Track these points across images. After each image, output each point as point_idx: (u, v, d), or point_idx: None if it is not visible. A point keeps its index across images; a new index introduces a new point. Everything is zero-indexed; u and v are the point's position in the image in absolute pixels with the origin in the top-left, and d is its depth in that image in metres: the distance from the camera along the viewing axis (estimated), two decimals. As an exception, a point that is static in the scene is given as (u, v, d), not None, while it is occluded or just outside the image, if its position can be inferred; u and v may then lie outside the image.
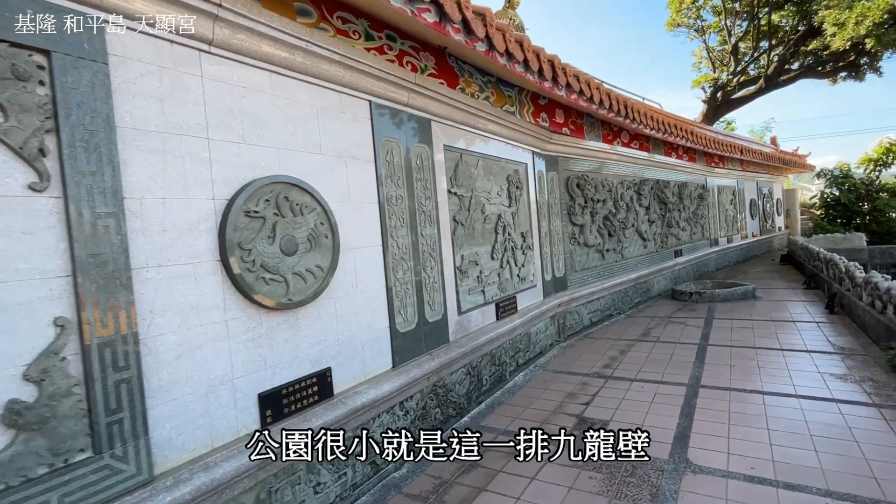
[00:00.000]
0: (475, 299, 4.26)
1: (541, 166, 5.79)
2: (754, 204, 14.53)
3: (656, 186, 8.85)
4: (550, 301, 5.75)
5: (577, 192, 6.48)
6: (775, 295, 8.08)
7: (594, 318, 6.78)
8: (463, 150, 4.21)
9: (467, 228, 4.19)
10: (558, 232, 6.14)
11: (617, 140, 7.45)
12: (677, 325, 6.50)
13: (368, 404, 2.83)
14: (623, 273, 7.59)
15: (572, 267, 6.42)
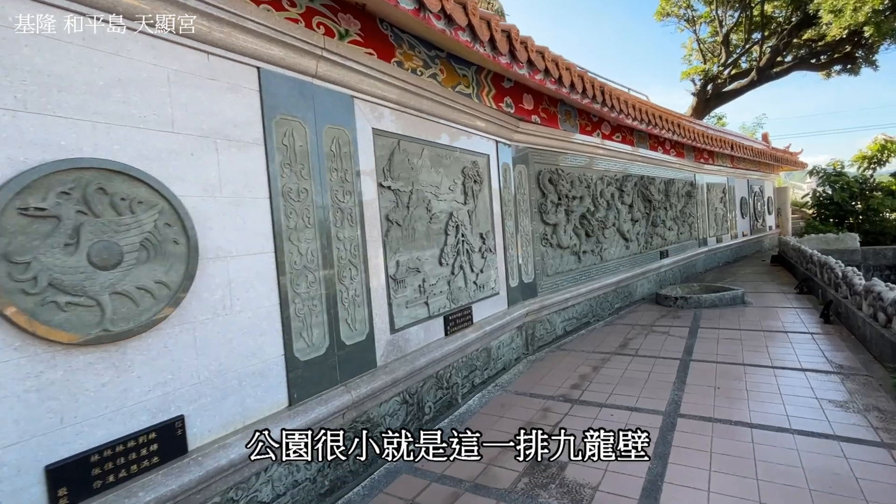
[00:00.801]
0: (416, 313, 3.61)
1: (506, 158, 5.15)
2: (745, 202, 14.01)
3: (641, 183, 8.24)
4: (517, 310, 5.11)
5: (549, 188, 5.84)
6: (766, 300, 7.51)
7: (569, 326, 6.16)
8: (401, 135, 3.55)
9: (406, 229, 3.53)
10: (527, 232, 5.50)
11: (597, 132, 6.82)
12: (659, 336, 5.90)
13: (240, 461, 2.17)
14: (602, 276, 6.98)
15: (544, 271, 5.79)
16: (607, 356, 5.23)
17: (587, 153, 6.68)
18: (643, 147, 8.18)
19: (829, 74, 15.72)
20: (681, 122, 8.17)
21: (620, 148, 7.44)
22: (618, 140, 7.41)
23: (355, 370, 2.97)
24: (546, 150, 5.85)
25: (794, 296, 7.70)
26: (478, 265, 4.47)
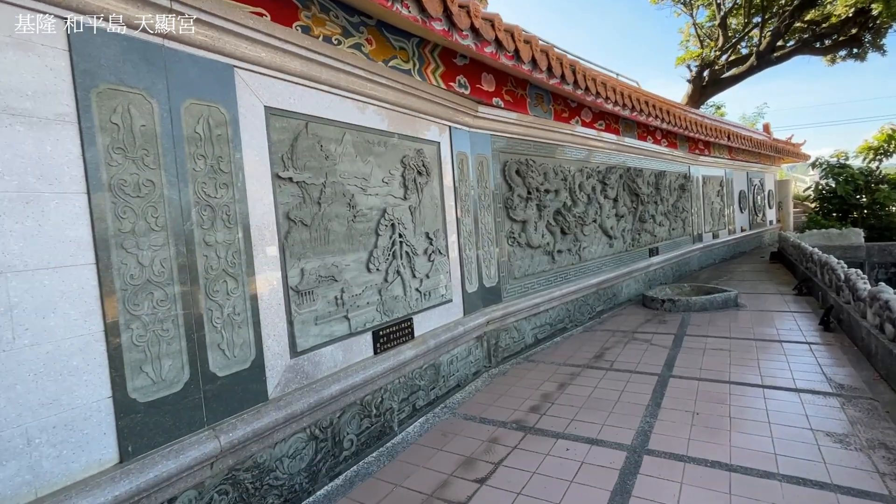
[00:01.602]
0: (330, 330, 3.02)
1: (463, 146, 4.54)
2: (744, 196, 13.35)
3: (627, 175, 7.61)
4: (475, 318, 4.53)
5: (517, 180, 5.22)
6: (761, 302, 6.90)
7: (541, 334, 5.57)
8: (310, 116, 2.95)
9: (316, 230, 2.94)
10: (490, 230, 4.90)
11: (575, 119, 6.19)
12: (639, 345, 5.30)
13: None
14: (581, 278, 6.38)
15: (510, 273, 5.19)
16: (578, 370, 4.64)
17: (564, 142, 6.05)
18: (630, 136, 7.54)
19: (834, 60, 14.93)
20: (671, 108, 7.52)
21: (603, 137, 6.81)
22: (600, 128, 6.78)
23: (234, 407, 2.39)
24: (513, 139, 5.24)
25: (793, 298, 7.08)
26: (422, 270, 3.87)
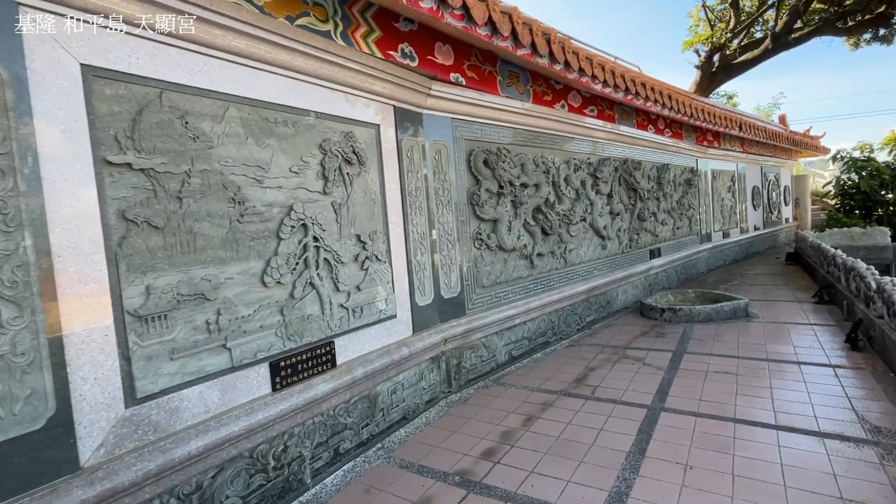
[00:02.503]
0: (197, 365, 2.31)
1: (413, 131, 3.79)
2: (757, 192, 12.40)
3: (623, 168, 6.80)
4: (429, 337, 3.79)
5: (485, 172, 4.46)
6: (776, 312, 6.05)
7: (516, 350, 4.81)
8: (167, 83, 2.22)
9: (173, 234, 2.22)
10: (450, 231, 4.16)
11: (560, 102, 5.41)
12: (630, 364, 4.52)
13: None
14: (567, 284, 5.60)
15: (477, 281, 4.44)
16: (553, 397, 3.88)
17: (546, 130, 5.28)
18: (627, 125, 6.73)
19: (858, 44, 13.79)
20: (672, 93, 6.69)
21: (595, 124, 6.01)
22: (591, 115, 5.98)
23: (13, 488, 1.68)
24: (481, 123, 4.48)
25: (812, 307, 6.22)
26: (350, 281, 3.15)
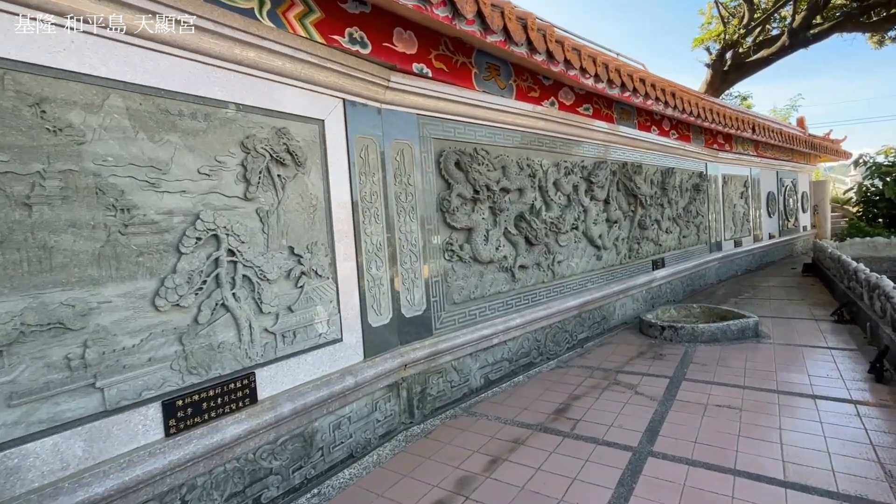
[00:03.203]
0: (52, 411, 1.87)
1: (368, 128, 3.35)
2: (773, 198, 11.73)
3: (622, 172, 6.28)
4: (384, 362, 3.33)
5: (456, 175, 4.00)
6: (790, 332, 5.47)
7: (494, 373, 4.33)
8: (15, 63, 1.81)
9: (15, 249, 1.79)
10: (414, 242, 3.70)
11: (549, 100, 4.94)
12: (621, 393, 4.00)
13: None
14: (555, 299, 5.09)
15: (447, 297, 3.97)
16: (527, 433, 3.39)
17: (532, 128, 4.80)
18: (627, 125, 6.21)
19: (882, 41, 12.96)
20: (676, 90, 6.16)
21: (590, 124, 5.52)
22: (586, 113, 5.49)
23: None
24: (454, 121, 4.02)
25: (831, 326, 5.62)
26: (278, 301, 2.70)
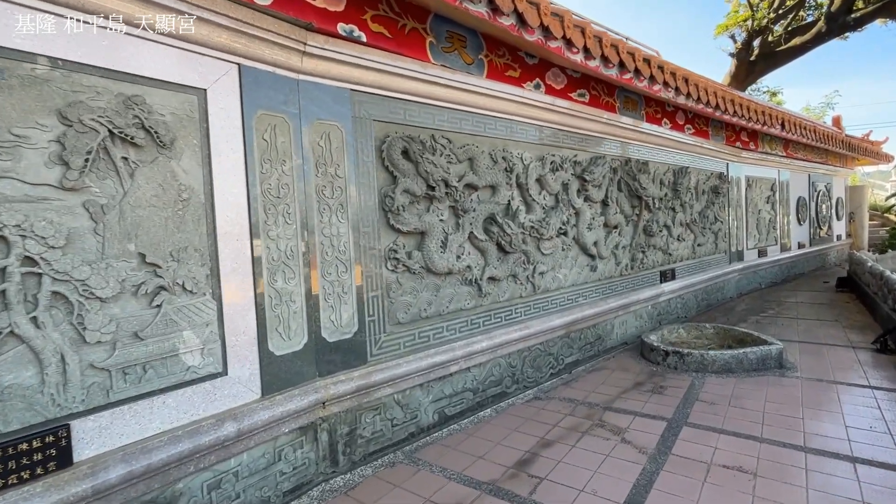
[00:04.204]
0: None
1: (275, 102, 2.65)
2: (803, 204, 10.65)
3: (625, 170, 5.45)
4: (294, 398, 2.63)
5: (404, 167, 3.27)
6: (822, 363, 4.56)
7: (453, 407, 3.59)
8: None
9: None
10: (343, 247, 2.99)
11: (533, 82, 4.18)
12: (604, 441, 3.21)
13: None
14: (535, 317, 4.32)
15: (390, 315, 3.25)
16: (473, 495, 2.64)
17: (509, 114, 4.04)
18: (631, 116, 5.39)
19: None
20: (689, 76, 5.31)
21: (584, 112, 4.72)
22: (581, 100, 4.70)
23: None
24: (403, 100, 3.29)
25: (872, 357, 4.69)
26: (115, 327, 2.03)
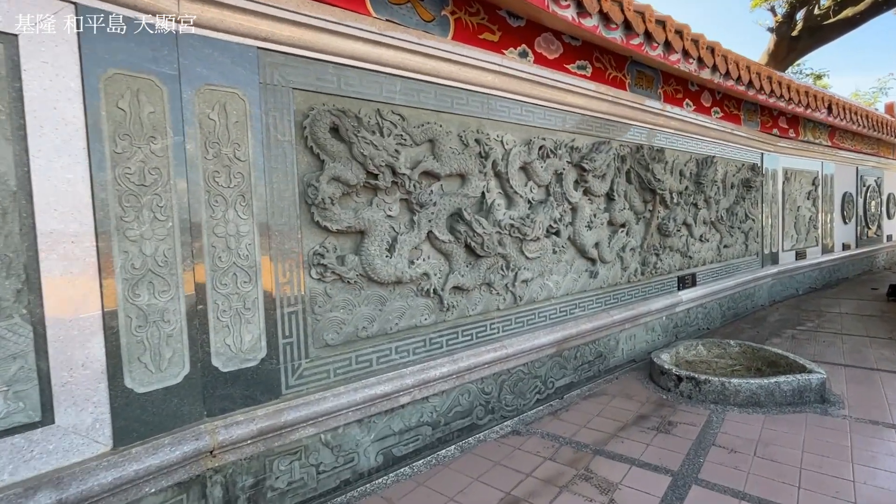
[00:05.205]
0: None
1: (142, 60, 2.00)
2: (849, 200, 9.50)
3: (635, 158, 4.63)
4: (164, 448, 2.01)
5: (333, 149, 2.58)
6: (876, 397, 3.69)
7: (404, 446, 2.92)
8: None
9: None
10: (246, 250, 2.34)
11: (517, 49, 3.44)
12: (585, 501, 2.49)
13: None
14: (516, 333, 3.59)
15: (314, 336, 2.59)
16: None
17: (484, 87, 3.30)
18: (645, 94, 4.56)
19: None
20: (716, 46, 4.44)
21: (584, 88, 3.93)
22: (581, 73, 3.93)
23: None
24: (336, 65, 2.60)
25: (941, 391, 3.78)
26: None
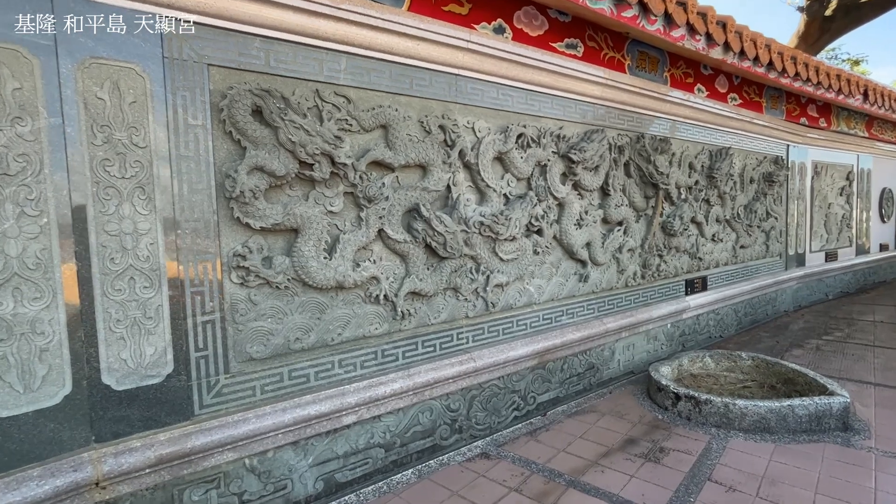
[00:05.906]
0: None
1: (2, 27, 1.71)
2: (888, 197, 8.72)
3: (635, 149, 4.16)
4: (34, 482, 1.73)
5: (256, 134, 2.23)
6: (909, 425, 3.17)
7: (349, 471, 2.58)
8: None
9: None
10: (146, 251, 2.02)
11: (491, 24, 3.05)
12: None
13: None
14: (488, 344, 3.21)
15: (236, 348, 2.27)
16: None
17: (448, 66, 2.91)
18: (648, 77, 4.09)
19: None
20: (728, 22, 3.93)
21: (574, 70, 3.50)
22: (570, 53, 3.51)
23: None
24: (265, 38, 2.26)
25: None
26: None
